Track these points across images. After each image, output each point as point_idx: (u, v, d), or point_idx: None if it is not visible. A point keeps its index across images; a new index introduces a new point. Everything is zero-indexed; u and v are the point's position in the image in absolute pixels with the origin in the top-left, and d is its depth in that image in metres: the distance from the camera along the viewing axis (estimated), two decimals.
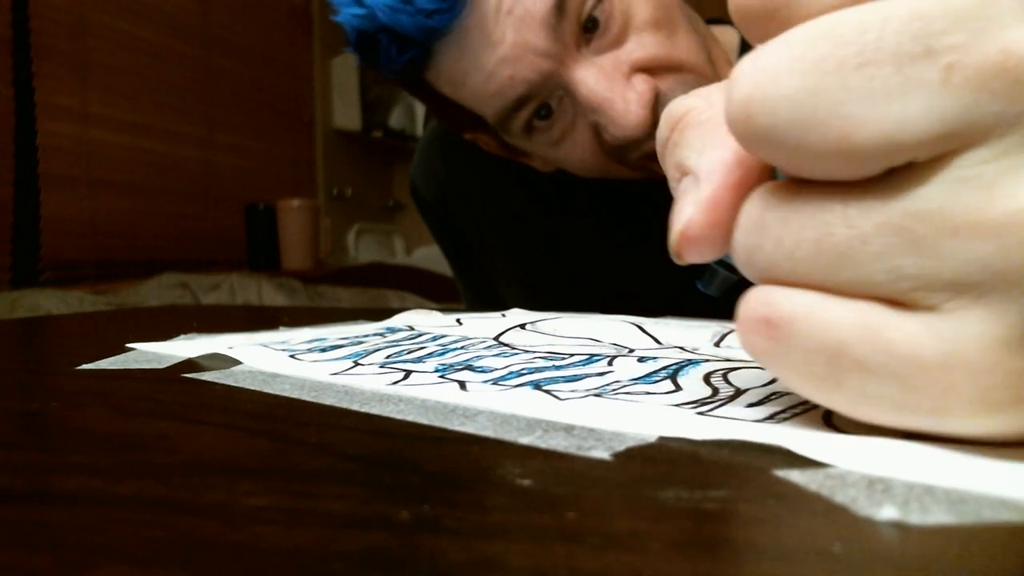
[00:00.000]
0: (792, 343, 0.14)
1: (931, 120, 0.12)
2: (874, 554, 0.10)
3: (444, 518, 0.12)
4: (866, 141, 0.12)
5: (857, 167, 0.13)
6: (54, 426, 0.21)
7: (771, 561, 0.10)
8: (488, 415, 0.18)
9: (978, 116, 0.12)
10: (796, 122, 0.12)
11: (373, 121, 2.79)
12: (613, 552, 0.10)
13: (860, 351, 0.13)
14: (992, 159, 0.12)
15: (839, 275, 0.13)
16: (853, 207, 0.13)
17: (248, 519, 0.12)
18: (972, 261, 0.12)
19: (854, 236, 0.13)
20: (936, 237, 0.12)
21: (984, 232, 0.12)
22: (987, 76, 0.11)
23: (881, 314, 0.13)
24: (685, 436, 0.16)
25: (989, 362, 0.12)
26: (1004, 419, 0.12)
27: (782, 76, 0.12)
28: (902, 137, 0.12)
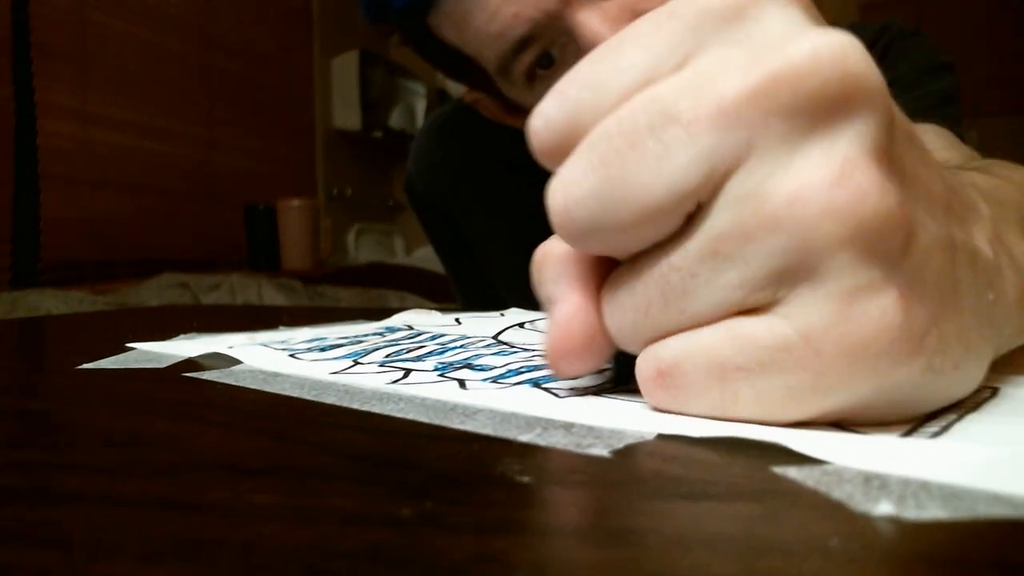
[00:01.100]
0: (685, 381, 0.16)
1: (693, 165, 0.15)
2: (870, 549, 0.10)
3: (446, 515, 0.12)
4: (657, 201, 0.15)
5: (661, 225, 0.16)
6: (56, 425, 0.21)
7: (769, 556, 0.10)
8: (488, 413, 0.18)
9: (725, 148, 0.15)
10: (603, 209, 0.16)
11: (373, 121, 2.79)
12: (613, 548, 0.10)
13: (738, 359, 0.15)
14: (750, 175, 0.15)
15: (688, 310, 0.16)
16: (674, 255, 0.16)
17: (251, 517, 0.12)
18: (774, 254, 0.15)
19: (684, 275, 0.16)
20: (738, 247, 0.15)
21: (769, 228, 0.14)
22: (716, 119, 0.15)
23: (742, 322, 0.15)
24: (683, 434, 0.16)
25: (834, 319, 0.14)
26: (876, 367, 0.14)
27: (580, 179, 0.16)
28: (680, 186, 0.15)
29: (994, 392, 0.19)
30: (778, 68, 0.14)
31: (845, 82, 0.14)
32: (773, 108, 0.14)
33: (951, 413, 0.17)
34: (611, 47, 0.17)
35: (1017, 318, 0.20)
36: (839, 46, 0.14)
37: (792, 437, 0.15)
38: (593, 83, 0.16)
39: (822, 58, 0.14)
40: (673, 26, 0.16)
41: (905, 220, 0.14)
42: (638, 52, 0.16)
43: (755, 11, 0.15)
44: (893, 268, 0.14)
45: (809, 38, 0.14)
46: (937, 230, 0.15)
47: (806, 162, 0.14)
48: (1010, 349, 0.21)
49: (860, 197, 0.14)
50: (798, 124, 0.14)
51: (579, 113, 0.16)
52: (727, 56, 0.15)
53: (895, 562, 0.10)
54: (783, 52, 0.14)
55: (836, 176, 0.14)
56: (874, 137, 0.14)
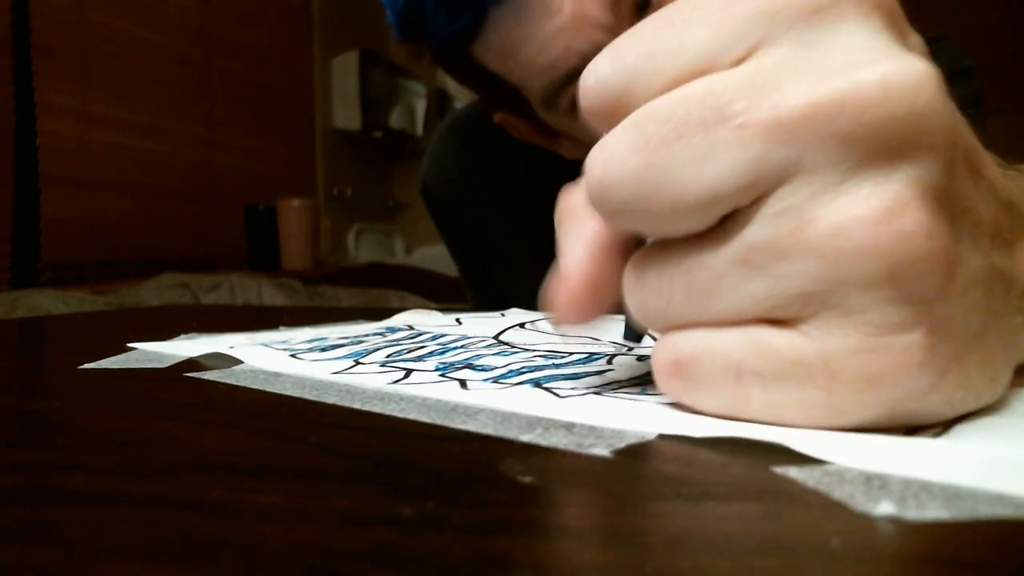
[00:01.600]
0: (701, 375, 0.16)
1: (737, 171, 0.14)
2: (872, 549, 0.10)
3: (447, 515, 0.12)
4: (694, 199, 0.15)
5: (695, 220, 0.15)
6: (57, 425, 0.21)
7: (770, 556, 0.10)
8: (489, 413, 0.18)
9: (774, 161, 0.14)
10: (640, 193, 0.15)
11: (373, 121, 2.79)
12: (614, 548, 0.10)
13: (756, 365, 0.15)
14: (795, 193, 0.14)
15: (713, 309, 0.16)
16: (706, 253, 0.16)
17: (253, 517, 0.12)
18: (805, 277, 0.14)
19: (712, 275, 0.15)
20: (770, 262, 0.15)
21: (805, 251, 0.14)
22: (769, 130, 0.14)
23: (764, 331, 0.15)
24: (685, 434, 0.16)
25: (856, 349, 0.14)
26: (889, 393, 0.15)
27: (623, 157, 0.15)
28: (720, 190, 0.15)
29: None
30: (844, 91, 0.14)
31: (910, 122, 0.14)
32: (831, 132, 0.14)
33: None
34: (679, 15, 0.16)
35: None
36: (912, 80, 0.14)
37: (793, 437, 0.15)
38: (653, 53, 0.16)
39: (891, 90, 0.14)
40: (748, 8, 0.15)
41: (948, 265, 0.14)
42: (705, 29, 0.15)
43: (835, 14, 0.15)
44: (925, 309, 0.14)
45: (883, 64, 0.14)
46: (979, 263, 0.15)
47: (855, 194, 0.14)
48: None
49: (903, 239, 0.14)
50: (853, 153, 0.14)
51: (634, 82, 0.16)
52: (795, 61, 0.14)
53: (896, 562, 0.10)
54: (853, 74, 0.14)
55: (883, 215, 0.14)
56: (931, 178, 0.14)
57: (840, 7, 0.15)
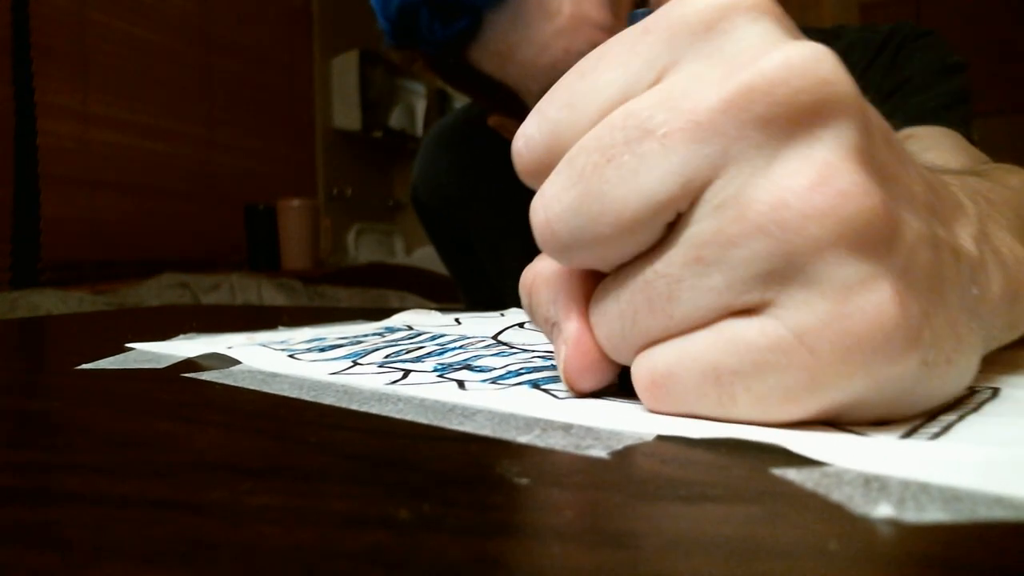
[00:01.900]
0: (681, 387, 0.16)
1: (669, 177, 0.15)
2: (870, 552, 0.10)
3: (444, 517, 0.12)
4: (635, 214, 0.15)
5: (641, 236, 0.16)
6: (55, 425, 0.21)
7: (768, 559, 0.10)
8: (486, 414, 0.18)
9: (701, 160, 0.15)
10: (584, 222, 0.16)
11: (373, 121, 2.79)
12: (611, 550, 0.10)
13: (732, 362, 0.15)
14: (728, 184, 0.15)
15: (677, 315, 0.16)
16: (658, 262, 0.16)
17: (250, 518, 0.12)
18: (758, 257, 0.15)
19: (669, 281, 0.16)
20: (721, 253, 0.15)
21: (752, 233, 0.15)
22: (690, 131, 0.15)
23: (733, 324, 0.16)
24: (682, 435, 0.16)
25: (828, 317, 0.14)
26: (871, 363, 0.14)
27: (561, 194, 0.16)
28: (656, 198, 0.15)
29: (994, 393, 0.19)
30: (751, 79, 0.14)
31: (818, 90, 0.14)
32: (748, 119, 0.15)
33: (951, 414, 0.17)
34: (589, 65, 0.17)
35: (1004, 313, 0.20)
36: (811, 55, 0.15)
37: (791, 438, 0.15)
38: (571, 102, 0.17)
39: (794, 67, 0.14)
40: (648, 42, 0.16)
41: (889, 216, 0.14)
42: (614, 69, 0.16)
43: (727, 25, 0.16)
44: (882, 263, 0.14)
45: (781, 49, 0.15)
46: (920, 227, 0.16)
47: (785, 169, 0.14)
48: (1000, 344, 0.21)
49: (842, 198, 0.14)
50: (774, 133, 0.15)
51: (559, 132, 0.17)
52: (701, 70, 0.15)
53: (895, 565, 0.10)
54: (755, 64, 0.15)
55: (816, 179, 0.14)
56: (852, 141, 0.15)
57: (729, 17, 0.16)
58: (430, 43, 0.50)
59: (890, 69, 0.57)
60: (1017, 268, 0.20)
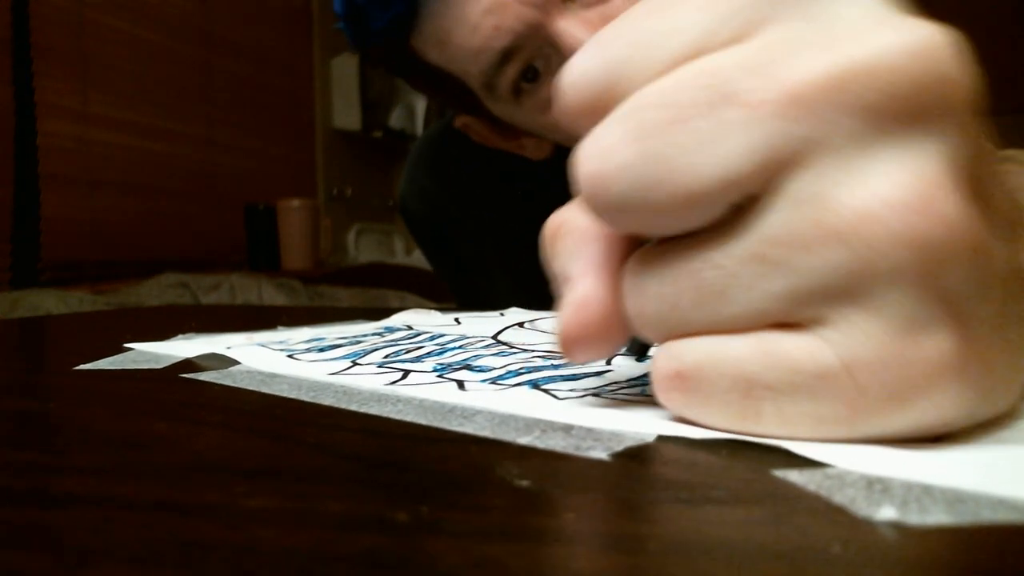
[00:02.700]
0: (705, 388, 0.15)
1: (750, 153, 0.13)
2: (873, 554, 0.10)
3: (442, 519, 0.12)
4: (702, 187, 0.13)
5: (703, 212, 0.14)
6: (53, 426, 0.21)
7: (770, 561, 0.10)
8: (486, 415, 0.18)
9: (790, 139, 0.13)
10: (640, 185, 0.14)
11: (373, 121, 2.78)
12: (612, 553, 0.10)
13: (769, 377, 0.14)
14: (816, 177, 0.13)
15: (723, 313, 0.14)
16: (715, 250, 0.14)
17: (247, 520, 0.12)
18: (830, 270, 0.13)
19: (723, 275, 0.14)
20: (791, 256, 0.13)
21: (830, 241, 0.13)
22: (784, 105, 0.13)
23: (778, 338, 0.14)
24: (684, 436, 0.16)
25: (886, 355, 0.13)
26: (919, 408, 0.13)
27: (618, 148, 0.14)
28: (731, 174, 0.13)
29: None
30: (860, 58, 0.12)
31: (935, 85, 0.12)
32: (852, 103, 0.12)
33: None
34: (664, 1, 0.15)
35: None
36: (934, 42, 0.13)
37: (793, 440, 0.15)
38: (641, 40, 0.14)
39: (919, 53, 0.12)
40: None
41: (986, 257, 0.13)
42: (696, 11, 0.14)
43: None
44: (959, 307, 0.13)
45: (899, 28, 0.13)
46: (1004, 260, 0.14)
47: (883, 174, 0.13)
48: None
49: (942, 228, 0.12)
50: (877, 125, 0.13)
51: (622, 72, 0.14)
52: (800, 34, 0.13)
53: (897, 568, 0.10)
54: (867, 40, 0.13)
55: (917, 199, 0.12)
56: (960, 155, 0.13)
57: None
58: (375, 33, 0.51)
59: None
60: None
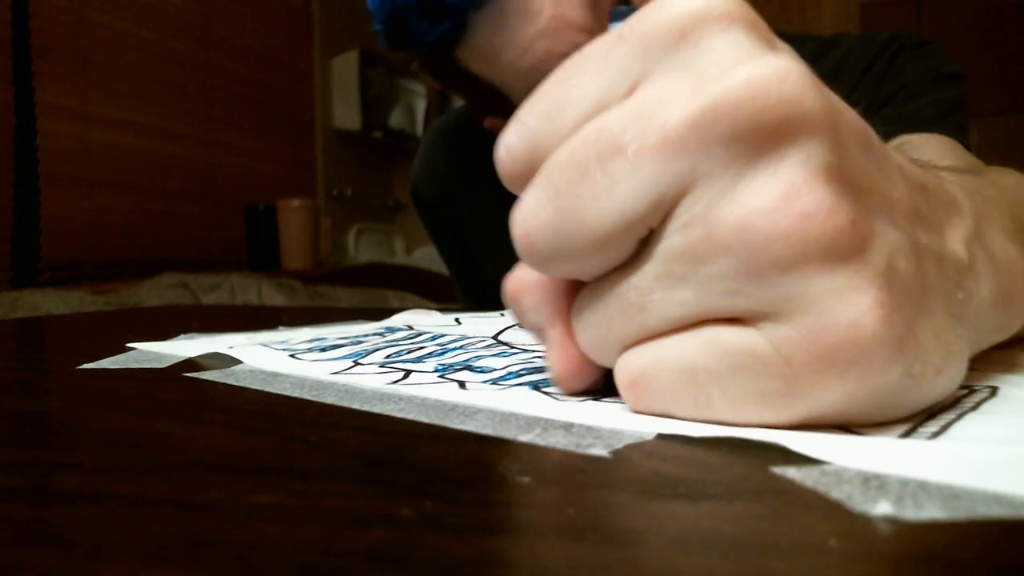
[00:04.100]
0: (657, 386, 0.17)
1: (639, 195, 0.15)
2: (869, 549, 0.10)
3: (445, 515, 0.12)
4: (607, 230, 0.16)
5: (616, 251, 0.16)
6: (56, 425, 0.21)
7: (768, 557, 0.10)
8: (487, 413, 0.18)
9: (670, 176, 0.15)
10: (559, 237, 0.16)
11: (373, 121, 2.78)
12: (613, 548, 0.10)
13: (709, 363, 0.16)
14: (697, 201, 0.15)
15: (647, 324, 0.16)
16: (632, 275, 0.16)
17: (252, 517, 0.12)
18: (725, 275, 0.15)
19: (641, 294, 0.16)
20: (690, 269, 0.15)
21: (719, 251, 0.15)
22: (659, 149, 0.15)
23: (714, 329, 0.16)
24: (682, 434, 0.16)
25: (801, 328, 0.15)
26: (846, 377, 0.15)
27: (538, 209, 0.16)
28: (628, 216, 0.15)
29: (992, 392, 0.19)
30: (716, 97, 0.14)
31: (782, 108, 0.14)
32: (714, 136, 0.14)
33: (950, 413, 0.17)
34: (566, 74, 0.17)
35: (994, 315, 0.20)
36: (775, 72, 0.14)
37: (791, 437, 0.15)
38: (549, 112, 0.17)
39: (758, 85, 0.14)
40: (622, 51, 0.16)
41: (857, 232, 0.14)
42: (590, 79, 0.17)
43: (698, 34, 0.15)
44: (856, 278, 0.14)
45: (747, 65, 0.15)
46: (898, 237, 0.16)
47: (751, 188, 0.15)
48: (990, 345, 0.21)
49: (805, 219, 0.14)
50: (741, 151, 0.14)
51: (537, 142, 0.17)
52: (672, 83, 0.15)
53: (894, 562, 0.10)
54: (721, 81, 0.15)
55: (780, 200, 0.14)
56: (819, 158, 0.14)
57: (702, 27, 0.15)
58: (420, 44, 0.51)
59: (885, 76, 0.57)
60: (1009, 270, 0.20)
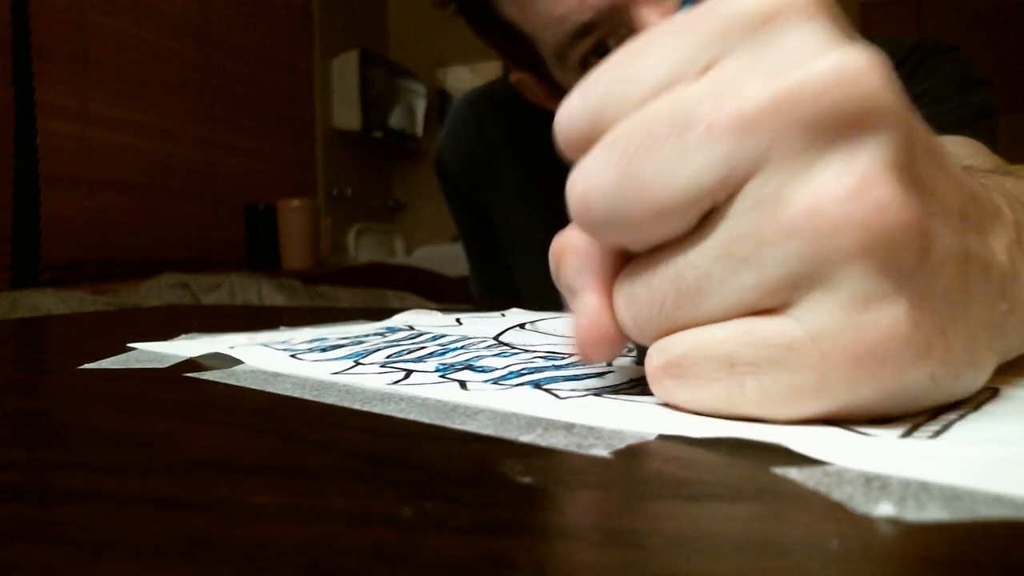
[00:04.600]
0: (694, 371, 0.17)
1: (710, 169, 0.15)
2: (871, 550, 0.10)
3: (447, 515, 0.12)
4: (672, 201, 0.16)
5: (677, 222, 0.16)
6: (58, 425, 0.21)
7: (771, 557, 0.10)
8: (488, 414, 0.19)
9: (743, 155, 0.15)
10: (621, 202, 0.16)
11: (373, 121, 2.78)
12: (614, 549, 0.10)
13: (748, 354, 0.16)
14: (768, 182, 0.15)
15: (703, 307, 0.16)
16: (691, 253, 0.16)
17: (254, 516, 0.12)
18: (789, 259, 0.15)
19: (700, 274, 0.16)
20: (755, 251, 0.15)
21: (786, 235, 0.15)
22: (735, 126, 0.15)
23: (754, 321, 0.16)
24: (684, 434, 0.16)
25: (843, 325, 0.15)
26: (880, 374, 0.15)
27: (601, 172, 0.16)
28: (695, 189, 0.15)
29: (994, 393, 0.19)
30: (800, 81, 0.15)
31: (866, 99, 0.14)
32: (793, 119, 0.15)
33: (951, 413, 0.17)
34: (640, 47, 0.17)
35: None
36: (862, 63, 0.15)
37: (792, 438, 0.15)
38: (620, 81, 0.17)
39: (844, 74, 0.15)
40: (700, 30, 0.16)
41: (922, 234, 0.15)
42: (664, 54, 0.16)
43: (781, 21, 0.16)
44: (906, 280, 0.15)
45: (833, 54, 0.15)
46: (952, 241, 0.16)
47: (825, 174, 0.15)
48: (1018, 354, 0.21)
49: (878, 210, 0.14)
50: (818, 137, 0.15)
51: (604, 109, 0.17)
52: (750, 65, 0.15)
53: (896, 563, 0.10)
54: (806, 66, 0.15)
55: (855, 189, 0.14)
56: (894, 153, 0.15)
57: (785, 14, 0.15)
58: None
59: (910, 81, 0.57)
60: None
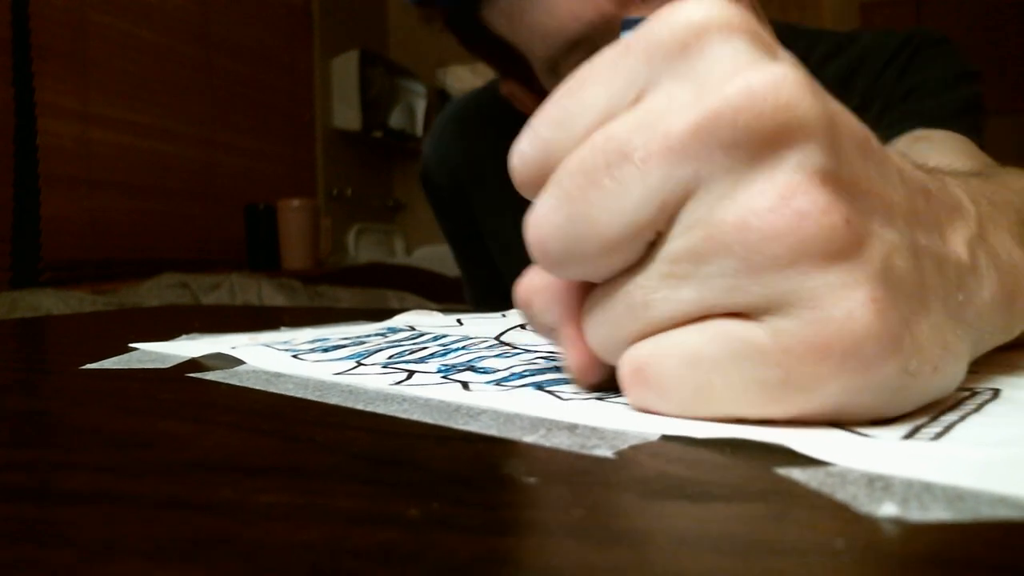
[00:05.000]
0: (661, 375, 0.17)
1: (646, 200, 0.16)
2: (875, 550, 0.10)
3: (452, 515, 0.12)
4: (617, 235, 0.17)
5: (625, 253, 0.17)
6: (61, 425, 0.21)
7: (774, 557, 0.10)
8: (492, 414, 0.19)
9: (675, 181, 0.16)
10: (571, 242, 0.17)
11: (373, 121, 2.78)
12: (621, 548, 0.10)
13: (711, 350, 0.16)
14: (699, 205, 0.16)
15: (653, 320, 0.17)
16: (638, 275, 0.17)
17: (259, 516, 0.12)
18: (725, 274, 0.16)
19: (646, 291, 0.17)
20: (692, 269, 0.16)
21: (719, 252, 0.16)
22: (664, 156, 0.16)
23: (718, 321, 0.16)
24: (687, 435, 0.16)
25: (797, 318, 0.15)
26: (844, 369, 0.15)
27: (551, 214, 0.17)
28: (636, 220, 0.16)
29: (995, 394, 0.19)
30: (716, 105, 0.15)
31: (779, 115, 0.15)
32: (715, 143, 0.15)
33: (952, 414, 0.17)
34: (576, 83, 0.18)
35: (998, 316, 0.20)
36: (772, 79, 0.15)
37: (795, 438, 0.15)
38: (560, 120, 0.18)
39: (755, 92, 0.15)
40: (628, 61, 0.17)
41: (851, 232, 0.15)
42: (600, 88, 0.17)
43: (700, 44, 0.16)
44: (852, 274, 0.15)
45: (746, 73, 0.15)
46: (895, 237, 0.16)
47: (750, 190, 0.15)
48: (993, 346, 0.21)
49: (799, 218, 0.15)
50: (740, 156, 0.15)
51: (549, 149, 0.18)
52: (675, 91, 0.16)
53: (899, 563, 0.10)
54: (720, 89, 0.15)
55: (777, 201, 0.15)
56: (815, 161, 0.15)
57: (703, 36, 0.16)
58: (447, 1, 0.52)
59: (904, 73, 0.58)
60: (1013, 272, 0.20)
